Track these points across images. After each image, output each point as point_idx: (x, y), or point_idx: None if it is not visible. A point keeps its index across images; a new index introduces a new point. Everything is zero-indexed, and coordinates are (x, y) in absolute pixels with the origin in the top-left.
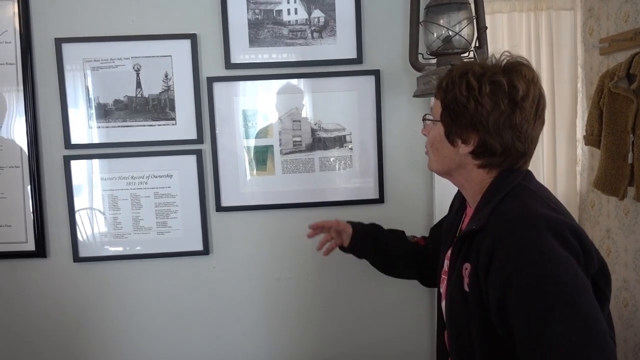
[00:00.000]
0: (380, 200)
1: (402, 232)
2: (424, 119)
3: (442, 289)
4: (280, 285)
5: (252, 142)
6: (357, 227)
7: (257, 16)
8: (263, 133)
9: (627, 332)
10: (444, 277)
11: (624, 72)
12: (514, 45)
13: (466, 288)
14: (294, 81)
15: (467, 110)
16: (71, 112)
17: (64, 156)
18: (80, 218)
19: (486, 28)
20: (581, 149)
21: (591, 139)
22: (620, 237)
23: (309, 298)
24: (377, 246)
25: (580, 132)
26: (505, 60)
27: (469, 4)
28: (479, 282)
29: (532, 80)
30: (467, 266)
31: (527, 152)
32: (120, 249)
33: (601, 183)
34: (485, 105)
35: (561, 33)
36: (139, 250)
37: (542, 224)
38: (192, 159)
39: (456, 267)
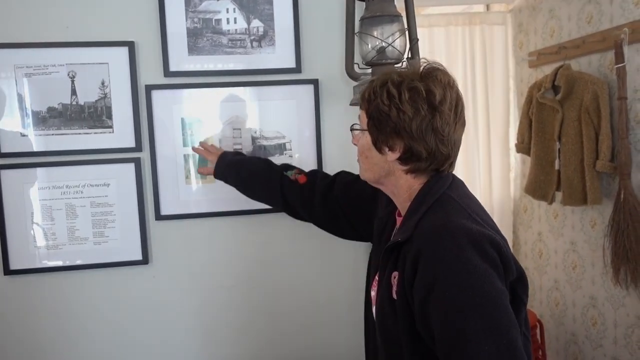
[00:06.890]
0: None
1: (282, 166)
2: (351, 129)
3: (374, 293)
4: (223, 293)
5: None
6: (223, 153)
7: (196, 25)
8: (203, 141)
9: (558, 330)
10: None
11: (549, 83)
12: (450, 59)
13: (394, 296)
14: (234, 89)
15: (390, 118)
16: (1, 120)
17: None
18: (11, 229)
19: (417, 40)
20: (514, 156)
21: (522, 147)
22: (551, 240)
23: (252, 306)
24: (239, 173)
25: (512, 140)
26: (422, 67)
27: (401, 16)
28: (406, 290)
29: (448, 84)
30: (395, 274)
31: (451, 155)
32: (55, 260)
33: (531, 189)
34: (406, 112)
35: (494, 46)
36: (75, 261)
37: (462, 236)
38: (131, 167)
39: (385, 275)
